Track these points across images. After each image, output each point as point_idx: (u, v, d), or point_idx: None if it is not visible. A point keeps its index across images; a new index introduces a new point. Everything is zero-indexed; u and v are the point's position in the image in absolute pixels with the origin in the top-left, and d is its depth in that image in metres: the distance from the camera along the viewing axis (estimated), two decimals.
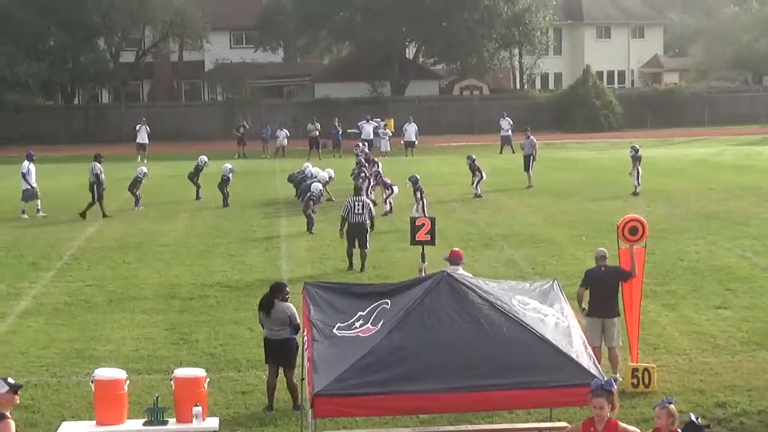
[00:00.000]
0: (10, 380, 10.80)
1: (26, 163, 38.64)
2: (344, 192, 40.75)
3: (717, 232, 32.28)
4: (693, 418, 11.22)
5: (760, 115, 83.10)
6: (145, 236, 33.56)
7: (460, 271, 17.39)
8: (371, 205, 28.19)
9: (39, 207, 38.53)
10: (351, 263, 27.43)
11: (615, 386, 10.99)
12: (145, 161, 59.33)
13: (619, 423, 10.96)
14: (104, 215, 37.48)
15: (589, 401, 10.93)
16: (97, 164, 38.26)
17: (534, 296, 13.50)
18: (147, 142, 63.16)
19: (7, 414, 10.75)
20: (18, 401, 10.96)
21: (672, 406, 11.28)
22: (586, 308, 17.96)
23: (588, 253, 26.56)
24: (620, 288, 18.13)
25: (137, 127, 63.69)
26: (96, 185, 37.76)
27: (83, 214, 37.40)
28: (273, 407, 16.80)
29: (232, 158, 58.91)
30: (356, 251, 27.53)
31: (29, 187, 38.44)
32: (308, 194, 34.12)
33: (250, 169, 55.18)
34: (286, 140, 63.99)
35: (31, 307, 24.11)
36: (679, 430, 11.32)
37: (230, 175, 40.91)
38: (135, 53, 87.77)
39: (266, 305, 16.91)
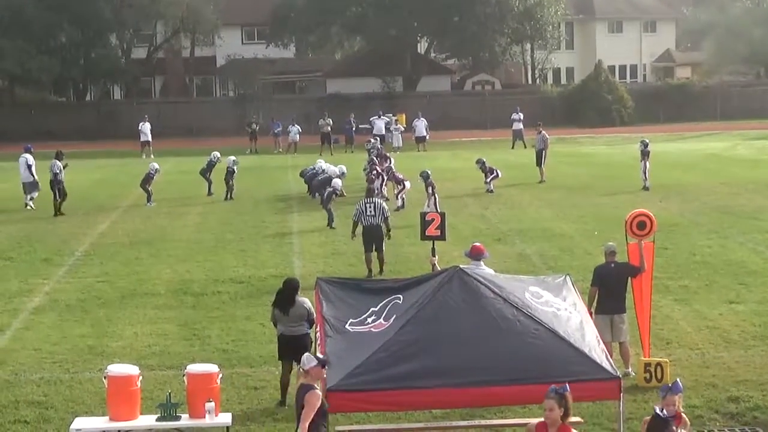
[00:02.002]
0: (319, 355, 11.68)
1: (29, 155, 38.98)
2: (356, 187, 40.80)
3: (730, 227, 32.23)
4: (658, 410, 11.28)
5: None
6: (157, 232, 33.60)
7: (482, 267, 17.26)
8: (384, 206, 27.24)
9: (33, 198, 38.85)
10: (370, 270, 26.21)
11: (568, 391, 10.85)
12: (152, 156, 59.32)
13: (572, 429, 10.88)
14: (56, 214, 37.37)
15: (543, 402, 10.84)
16: (57, 162, 38.35)
17: (548, 288, 13.49)
18: (150, 138, 63.15)
19: (316, 386, 11.60)
20: (325, 375, 11.61)
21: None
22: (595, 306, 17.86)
23: (600, 247, 26.50)
24: (629, 283, 18.12)
25: (140, 125, 63.73)
26: (55, 183, 37.79)
27: (56, 213, 37.39)
28: (286, 403, 16.79)
29: (244, 153, 59.06)
30: (373, 255, 26.51)
31: (34, 179, 38.77)
32: (330, 190, 34.14)
33: (262, 164, 55.24)
34: (298, 136, 64.09)
35: (43, 303, 24.16)
36: (683, 412, 11.55)
37: (235, 167, 41.10)
38: (147, 49, 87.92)
39: (285, 303, 16.75)
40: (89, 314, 22.97)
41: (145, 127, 63.32)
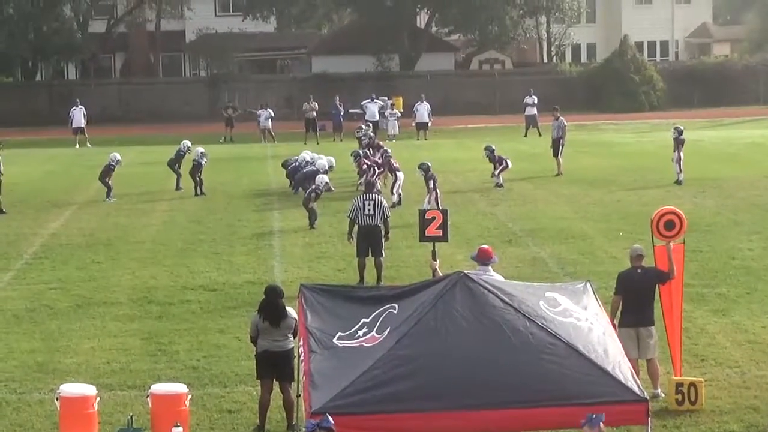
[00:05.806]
0: None
1: None
2: (345, 181, 40.83)
3: None
4: None
5: None
6: (118, 232, 33.60)
7: (491, 272, 17.25)
8: (385, 204, 26.75)
9: None
10: (362, 277, 25.83)
11: (332, 423, 10.75)
12: (88, 145, 59.55)
13: None
14: None
15: None
16: None
17: (566, 295, 13.49)
18: (83, 125, 63.09)
19: None
20: None
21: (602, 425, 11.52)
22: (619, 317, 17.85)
23: (626, 250, 26.54)
24: (657, 292, 18.10)
25: (71, 112, 63.79)
26: None
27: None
28: (264, 428, 16.79)
29: (217, 142, 59.02)
30: (369, 261, 26.01)
31: None
32: (312, 187, 34.10)
33: (239, 154, 55.21)
34: (269, 122, 63.09)
35: None
36: None
37: (202, 161, 41.02)
38: (106, 22, 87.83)
39: (277, 314, 16.65)
40: (39, 326, 22.97)
41: (77, 113, 63.30)
